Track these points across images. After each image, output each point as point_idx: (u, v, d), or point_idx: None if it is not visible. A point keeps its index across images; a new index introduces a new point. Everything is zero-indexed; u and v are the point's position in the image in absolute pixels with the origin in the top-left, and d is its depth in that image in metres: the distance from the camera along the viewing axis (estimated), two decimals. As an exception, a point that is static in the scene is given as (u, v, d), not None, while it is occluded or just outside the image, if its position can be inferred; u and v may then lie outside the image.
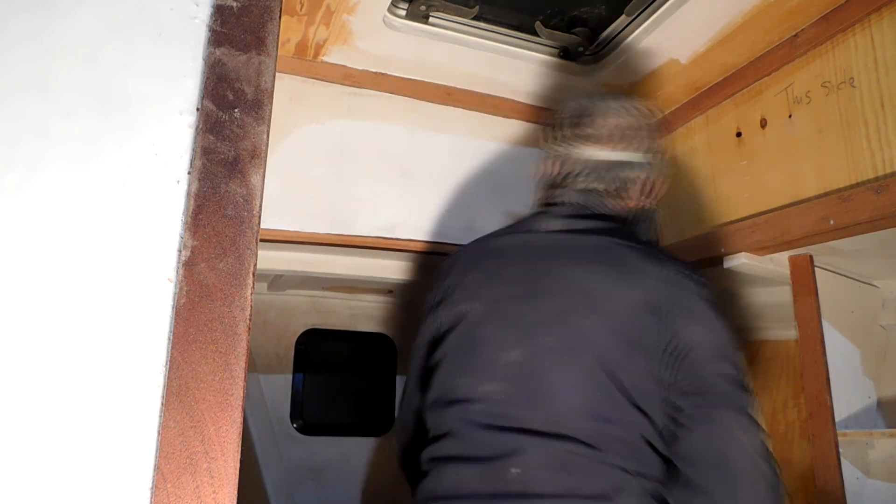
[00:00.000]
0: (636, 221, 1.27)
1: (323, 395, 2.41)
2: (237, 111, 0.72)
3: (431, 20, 1.48)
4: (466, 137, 1.76)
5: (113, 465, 0.61)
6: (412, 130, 1.71)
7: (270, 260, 1.69)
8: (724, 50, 1.53)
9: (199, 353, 0.64)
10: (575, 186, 1.24)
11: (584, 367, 1.04)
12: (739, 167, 1.60)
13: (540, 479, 0.99)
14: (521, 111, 1.79)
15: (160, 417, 0.62)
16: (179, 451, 0.62)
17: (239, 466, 0.63)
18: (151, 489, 0.60)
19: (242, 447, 0.64)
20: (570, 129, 1.28)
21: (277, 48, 0.76)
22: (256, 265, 0.69)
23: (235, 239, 0.68)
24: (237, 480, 0.63)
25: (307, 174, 1.58)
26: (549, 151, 1.32)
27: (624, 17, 1.48)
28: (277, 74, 0.76)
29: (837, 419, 1.39)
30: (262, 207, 0.71)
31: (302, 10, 1.38)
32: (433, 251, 1.68)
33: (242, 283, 0.67)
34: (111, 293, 0.64)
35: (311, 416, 2.35)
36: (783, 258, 1.52)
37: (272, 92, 0.75)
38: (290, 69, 1.57)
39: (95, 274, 0.64)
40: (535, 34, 1.55)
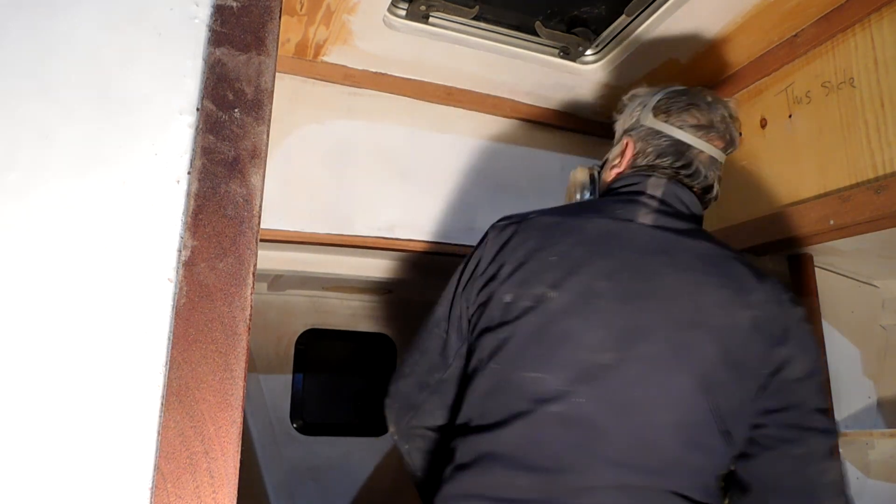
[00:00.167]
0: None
1: (323, 395, 2.41)
2: (237, 111, 0.72)
3: (431, 20, 1.48)
4: (466, 137, 1.76)
5: (113, 464, 0.61)
6: (412, 130, 1.71)
7: (270, 260, 1.70)
8: (724, 50, 1.53)
9: (199, 353, 0.64)
10: (669, 176, 1.14)
11: (682, 383, 0.97)
12: (739, 167, 1.59)
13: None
14: (521, 111, 1.79)
15: (160, 417, 0.62)
16: (179, 451, 0.62)
17: (239, 466, 0.63)
18: (151, 489, 0.61)
19: (242, 447, 0.64)
20: (678, 111, 1.17)
21: (277, 48, 0.76)
22: (256, 265, 0.69)
23: (235, 239, 0.68)
24: (237, 480, 0.63)
25: (307, 174, 1.58)
26: (638, 130, 1.19)
27: (624, 17, 1.48)
28: (277, 74, 0.76)
29: (837, 419, 1.40)
30: (262, 207, 0.71)
31: (302, 10, 1.38)
32: (433, 251, 1.68)
33: (242, 283, 0.67)
34: (111, 293, 0.64)
35: (311, 416, 2.35)
36: (783, 258, 1.52)
37: (272, 92, 0.75)
38: (290, 69, 1.57)
39: (95, 274, 0.64)
40: (535, 34, 1.55)
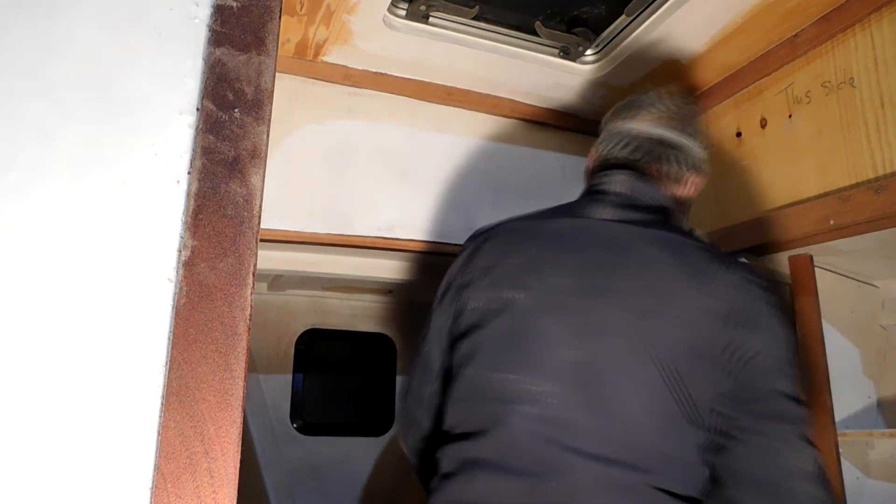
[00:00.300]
0: (674, 213, 1.19)
1: (323, 395, 2.41)
2: (237, 111, 0.72)
3: (431, 20, 1.48)
4: (466, 137, 1.76)
5: (113, 464, 0.61)
6: (412, 130, 1.71)
7: (270, 260, 1.69)
8: (724, 50, 1.53)
9: (199, 353, 0.64)
10: (621, 164, 1.18)
11: (651, 374, 0.97)
12: (739, 167, 1.59)
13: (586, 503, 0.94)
14: (521, 111, 1.79)
15: (160, 417, 0.62)
16: (179, 451, 0.61)
17: (239, 466, 0.63)
18: (151, 489, 0.60)
19: (242, 447, 0.64)
20: (620, 113, 1.25)
21: (277, 48, 0.76)
22: (256, 265, 0.69)
23: (235, 239, 0.68)
24: (237, 480, 0.63)
25: (307, 174, 1.58)
26: (596, 143, 1.27)
27: (624, 17, 1.48)
28: (277, 74, 0.76)
29: (837, 419, 1.39)
30: (262, 207, 0.71)
31: (302, 10, 1.38)
32: (433, 251, 1.68)
33: (242, 283, 0.67)
34: (111, 293, 0.64)
35: (311, 415, 2.35)
36: (783, 258, 1.52)
37: (272, 92, 0.74)
38: (290, 69, 1.57)
39: (95, 274, 0.64)
40: (535, 34, 1.55)
